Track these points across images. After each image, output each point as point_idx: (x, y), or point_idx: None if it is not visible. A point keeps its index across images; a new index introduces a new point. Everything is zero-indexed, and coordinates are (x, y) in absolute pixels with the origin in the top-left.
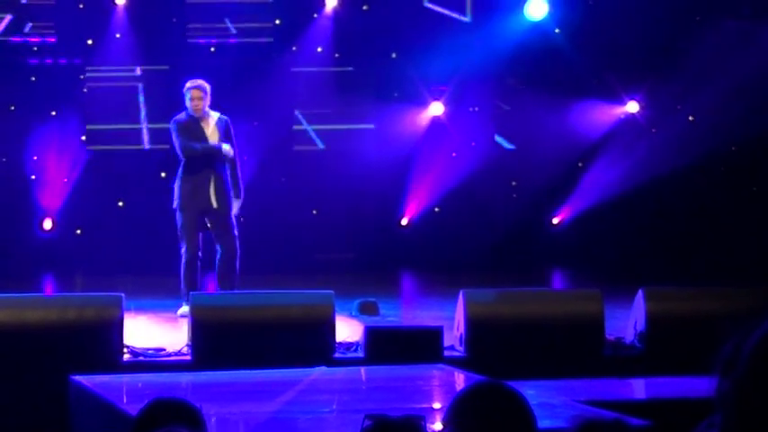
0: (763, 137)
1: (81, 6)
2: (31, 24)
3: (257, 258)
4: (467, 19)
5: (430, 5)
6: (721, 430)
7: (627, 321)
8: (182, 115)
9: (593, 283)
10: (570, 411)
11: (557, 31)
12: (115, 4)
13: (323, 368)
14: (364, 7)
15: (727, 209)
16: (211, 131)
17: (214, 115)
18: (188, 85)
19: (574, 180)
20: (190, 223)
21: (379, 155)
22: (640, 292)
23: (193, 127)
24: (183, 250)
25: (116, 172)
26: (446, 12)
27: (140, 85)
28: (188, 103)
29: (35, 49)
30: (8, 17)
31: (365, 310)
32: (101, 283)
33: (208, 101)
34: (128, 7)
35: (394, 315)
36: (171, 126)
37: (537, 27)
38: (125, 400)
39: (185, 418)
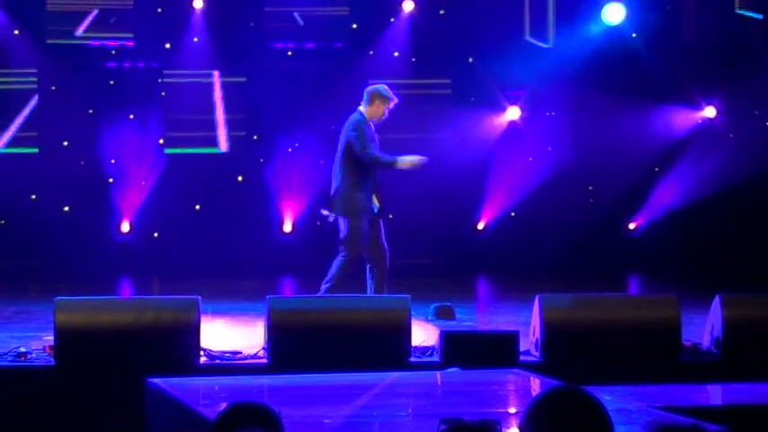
0: None
1: (159, 10)
2: (109, 30)
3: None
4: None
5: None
6: None
7: (704, 327)
8: (358, 116)
9: (669, 289)
10: (647, 417)
11: (634, 35)
12: (193, 9)
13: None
14: (441, 11)
15: None
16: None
17: None
18: (389, 92)
19: (650, 185)
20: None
21: (456, 159)
22: (717, 299)
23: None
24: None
25: (193, 175)
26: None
27: (218, 89)
28: (377, 110)
29: (113, 52)
30: (91, 15)
31: (441, 315)
32: (178, 286)
33: None
34: (205, 11)
35: (470, 319)
36: (352, 126)
37: (614, 31)
38: (201, 403)
39: (264, 422)
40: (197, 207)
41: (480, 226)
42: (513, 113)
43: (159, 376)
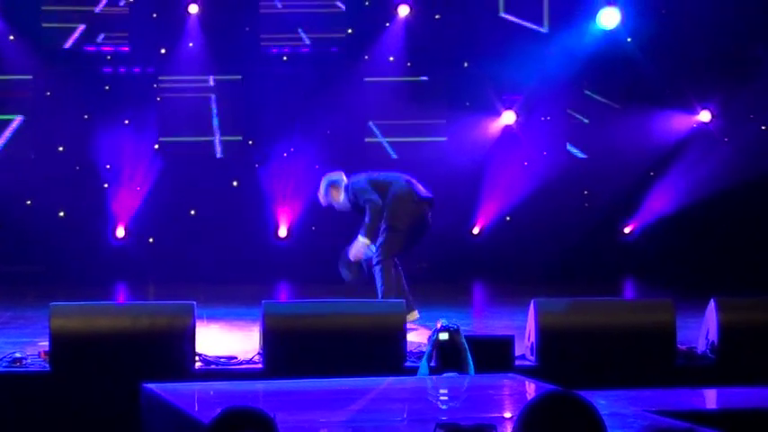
0: None
1: (154, 15)
2: (104, 35)
3: (329, 267)
4: (544, 29)
5: (506, 16)
6: None
7: (699, 331)
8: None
9: (664, 293)
10: (642, 421)
11: (629, 40)
12: (188, 13)
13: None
14: (436, 16)
15: None
16: None
17: None
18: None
19: (645, 189)
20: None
21: (451, 164)
22: (712, 302)
23: None
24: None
25: (189, 180)
26: (523, 22)
27: (213, 94)
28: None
29: (109, 57)
30: (81, 27)
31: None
32: (173, 292)
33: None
34: (200, 16)
35: (465, 324)
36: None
37: (609, 36)
38: (197, 408)
39: (258, 427)
40: (192, 212)
41: (476, 230)
42: (508, 118)
43: (154, 381)
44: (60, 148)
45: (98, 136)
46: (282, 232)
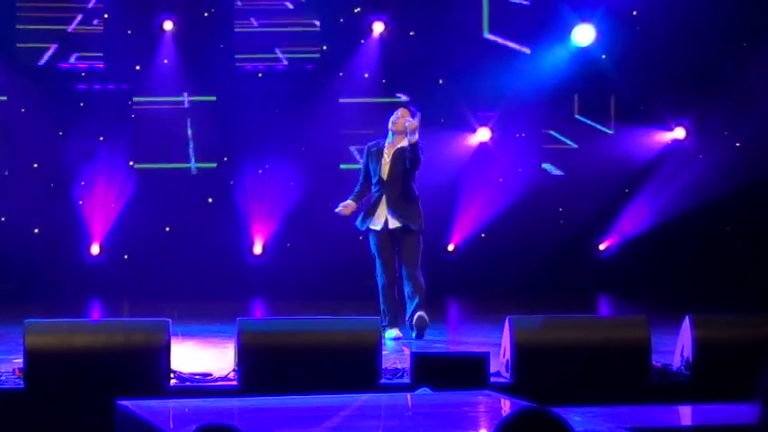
0: None
1: (129, 32)
2: (78, 52)
3: (305, 283)
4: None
5: (491, 36)
6: None
7: (674, 348)
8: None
9: (639, 310)
10: None
11: (603, 56)
12: (163, 31)
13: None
14: (411, 33)
15: None
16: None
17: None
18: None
19: (620, 206)
20: (375, 245)
21: (426, 180)
22: (687, 319)
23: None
24: (377, 273)
25: (163, 197)
26: (508, 43)
27: (188, 110)
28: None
29: (83, 74)
30: (55, 45)
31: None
32: (148, 309)
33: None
34: (175, 33)
35: (440, 341)
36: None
37: (584, 53)
38: (172, 426)
39: None
40: (167, 229)
41: (450, 247)
42: (483, 135)
43: (129, 398)
44: (35, 165)
45: (73, 153)
46: (257, 249)
